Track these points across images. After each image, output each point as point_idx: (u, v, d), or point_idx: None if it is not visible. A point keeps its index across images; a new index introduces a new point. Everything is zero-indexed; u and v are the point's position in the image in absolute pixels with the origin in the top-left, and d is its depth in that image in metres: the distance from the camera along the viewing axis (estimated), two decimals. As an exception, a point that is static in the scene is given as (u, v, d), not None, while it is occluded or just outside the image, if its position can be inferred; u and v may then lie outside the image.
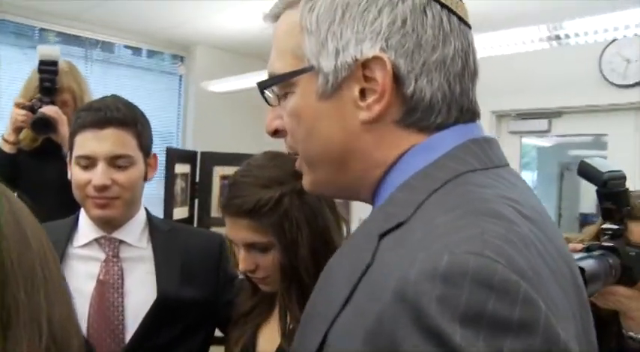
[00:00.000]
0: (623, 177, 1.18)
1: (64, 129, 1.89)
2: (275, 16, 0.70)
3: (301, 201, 1.08)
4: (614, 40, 3.10)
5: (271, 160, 1.13)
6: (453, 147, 0.61)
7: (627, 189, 1.17)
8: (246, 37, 3.92)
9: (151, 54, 4.31)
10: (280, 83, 0.66)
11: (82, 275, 1.23)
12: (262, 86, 0.68)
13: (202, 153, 2.81)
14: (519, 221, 0.51)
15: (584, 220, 8.01)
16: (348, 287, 0.56)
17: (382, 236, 0.56)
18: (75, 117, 1.26)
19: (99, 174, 1.20)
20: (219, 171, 2.90)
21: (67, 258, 1.25)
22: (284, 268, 1.07)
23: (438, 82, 0.61)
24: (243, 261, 1.09)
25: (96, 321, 1.21)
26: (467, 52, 0.63)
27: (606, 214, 1.17)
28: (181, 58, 4.43)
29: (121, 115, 1.22)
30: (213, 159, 2.89)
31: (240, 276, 1.37)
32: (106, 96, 1.31)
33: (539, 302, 0.44)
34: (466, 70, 0.63)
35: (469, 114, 0.64)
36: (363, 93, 0.61)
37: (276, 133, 0.71)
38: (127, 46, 4.16)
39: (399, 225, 0.55)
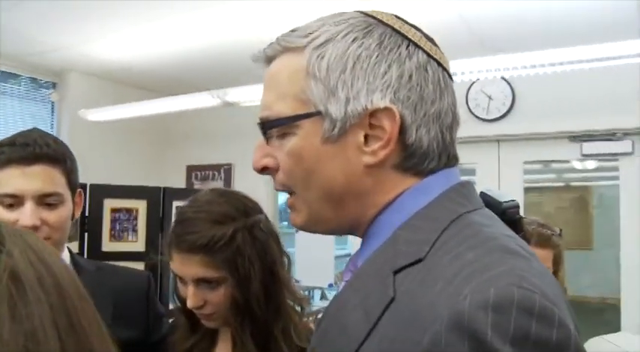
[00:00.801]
0: (517, 206, 1.35)
1: None
2: (269, 58, 0.73)
3: (252, 236, 1.09)
4: (477, 80, 3.47)
5: (220, 197, 1.13)
6: (445, 190, 0.68)
7: (521, 216, 1.34)
8: (123, 65, 3.81)
9: (21, 79, 4.00)
10: (283, 125, 0.69)
11: None
12: (267, 127, 0.70)
13: (92, 186, 2.65)
14: (528, 255, 0.59)
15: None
16: (370, 320, 0.60)
17: (397, 272, 0.61)
18: None
19: (27, 214, 1.11)
20: (109, 204, 2.75)
21: None
22: (237, 302, 1.07)
23: (434, 132, 0.67)
24: (192, 297, 1.07)
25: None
26: (455, 105, 0.71)
27: None
28: (54, 85, 4.16)
29: (51, 151, 1.16)
30: (104, 191, 2.74)
31: (169, 319, 1.34)
32: (29, 130, 1.22)
33: (570, 325, 0.51)
34: (454, 121, 0.71)
35: (454, 160, 0.72)
36: (366, 139, 0.66)
37: (264, 170, 0.73)
38: (-4, 71, 3.83)
39: (416, 262, 0.61)
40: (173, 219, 1.16)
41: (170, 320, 1.34)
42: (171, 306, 1.40)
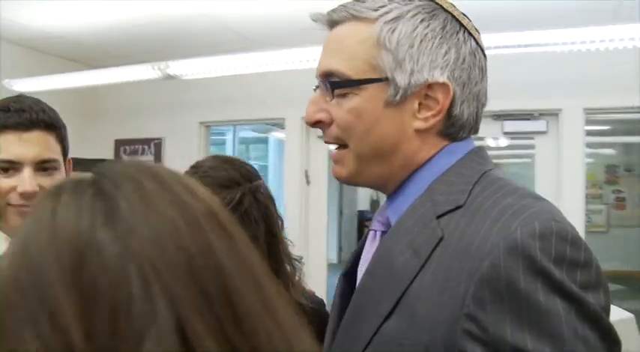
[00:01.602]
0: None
1: None
2: (334, 22, 0.81)
3: (256, 199, 1.16)
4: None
5: (224, 163, 1.19)
6: (467, 153, 0.81)
7: None
8: (55, 34, 3.63)
9: None
10: (352, 86, 0.77)
11: None
12: (335, 86, 0.78)
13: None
14: (546, 199, 0.73)
15: (361, 216, 9.10)
16: (421, 258, 0.71)
17: (439, 217, 0.73)
18: None
19: (26, 180, 1.11)
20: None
21: None
22: None
23: (472, 108, 0.80)
24: None
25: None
26: (487, 89, 0.83)
27: None
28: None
29: (47, 117, 1.15)
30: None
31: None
32: (18, 96, 1.20)
33: (590, 249, 0.66)
34: (486, 101, 0.83)
35: (475, 131, 0.84)
36: (419, 107, 0.77)
37: (317, 124, 0.81)
38: None
39: (456, 208, 0.73)
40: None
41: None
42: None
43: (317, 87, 0.84)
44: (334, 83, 0.78)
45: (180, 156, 4.47)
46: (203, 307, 0.37)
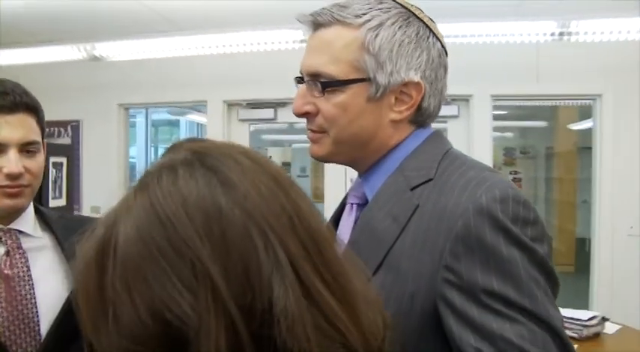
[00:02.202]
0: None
1: None
2: (318, 24, 0.91)
3: None
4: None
5: None
6: (429, 136, 0.96)
7: None
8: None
9: None
10: (339, 86, 0.90)
11: None
12: (325, 85, 0.90)
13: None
14: (499, 172, 0.89)
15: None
16: (400, 224, 0.86)
17: (413, 189, 0.88)
18: None
19: (13, 161, 1.13)
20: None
21: None
22: None
23: (437, 100, 0.95)
24: None
25: (8, 318, 1.15)
26: (446, 83, 0.97)
27: None
28: None
29: (29, 100, 1.18)
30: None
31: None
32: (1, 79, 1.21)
33: (536, 210, 0.83)
34: (445, 94, 0.98)
35: (435, 119, 0.99)
36: (395, 101, 0.91)
37: (304, 115, 0.94)
38: None
39: (427, 181, 0.88)
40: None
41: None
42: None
43: (300, 80, 0.96)
44: (324, 83, 0.90)
45: (98, 139, 4.37)
46: (305, 255, 0.48)
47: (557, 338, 0.75)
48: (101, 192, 4.22)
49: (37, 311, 1.18)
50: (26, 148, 1.17)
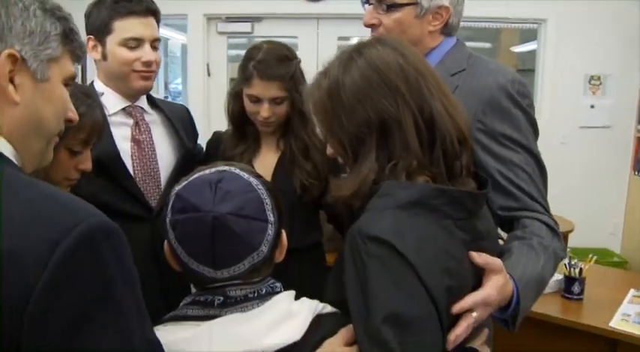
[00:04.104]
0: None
1: None
2: None
3: (300, 71, 1.66)
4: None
5: (279, 44, 1.66)
6: (455, 43, 1.42)
7: None
8: None
9: None
10: (399, 6, 1.33)
11: (118, 137, 1.54)
12: (389, 4, 1.33)
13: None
14: None
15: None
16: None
17: (452, 75, 1.35)
18: (108, 6, 1.48)
19: (148, 52, 1.52)
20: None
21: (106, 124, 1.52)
22: (289, 116, 1.66)
23: (458, 18, 1.40)
24: (268, 110, 1.61)
25: (141, 171, 1.57)
26: (463, 5, 1.42)
27: None
28: None
29: (155, 7, 1.54)
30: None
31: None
32: None
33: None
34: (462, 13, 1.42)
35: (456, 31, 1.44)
36: (432, 19, 1.35)
37: (371, 26, 1.38)
38: None
39: (462, 71, 1.35)
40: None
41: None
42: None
43: (367, 2, 1.38)
44: (389, 5, 1.33)
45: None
46: (438, 87, 1.00)
47: (537, 162, 1.28)
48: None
49: (158, 168, 1.60)
50: (153, 44, 1.55)
